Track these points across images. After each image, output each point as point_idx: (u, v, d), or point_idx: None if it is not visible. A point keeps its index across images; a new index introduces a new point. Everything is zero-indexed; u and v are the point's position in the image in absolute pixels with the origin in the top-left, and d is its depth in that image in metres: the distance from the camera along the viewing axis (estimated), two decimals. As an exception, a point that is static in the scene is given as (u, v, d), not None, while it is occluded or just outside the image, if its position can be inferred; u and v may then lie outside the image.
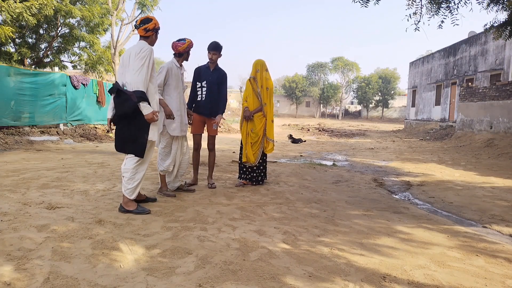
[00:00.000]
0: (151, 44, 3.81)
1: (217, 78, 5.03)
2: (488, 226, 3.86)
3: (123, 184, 3.70)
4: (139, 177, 3.72)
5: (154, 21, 3.77)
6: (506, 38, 9.86)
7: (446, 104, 22.05)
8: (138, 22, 3.78)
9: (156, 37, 3.87)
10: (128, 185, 3.68)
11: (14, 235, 2.92)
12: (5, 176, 5.28)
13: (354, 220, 3.79)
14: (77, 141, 10.89)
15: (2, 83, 9.50)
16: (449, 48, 22.54)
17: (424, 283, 2.41)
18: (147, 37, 3.77)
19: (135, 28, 3.81)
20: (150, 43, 3.80)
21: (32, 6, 11.63)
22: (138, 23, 3.77)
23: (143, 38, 3.77)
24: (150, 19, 3.78)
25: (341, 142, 15.96)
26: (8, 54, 14.70)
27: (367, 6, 8.23)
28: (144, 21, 3.76)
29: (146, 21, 3.76)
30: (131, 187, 3.68)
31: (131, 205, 3.70)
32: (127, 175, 3.68)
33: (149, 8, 21.25)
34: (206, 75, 5.00)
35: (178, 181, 4.69)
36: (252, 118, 5.17)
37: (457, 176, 6.99)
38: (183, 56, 4.53)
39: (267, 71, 5.25)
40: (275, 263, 2.61)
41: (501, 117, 12.64)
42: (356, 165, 8.34)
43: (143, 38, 3.77)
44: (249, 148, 5.17)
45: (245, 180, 5.30)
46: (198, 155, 5.17)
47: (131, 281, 2.27)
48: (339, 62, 58.53)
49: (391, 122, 49.33)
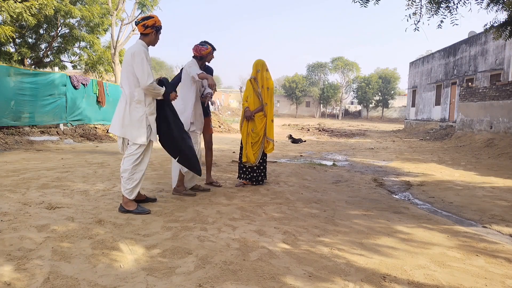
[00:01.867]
0: (151, 43, 3.78)
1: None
2: (488, 226, 3.86)
3: (122, 184, 3.70)
4: (138, 177, 3.71)
5: (155, 19, 3.73)
6: (506, 38, 9.85)
7: (446, 104, 22.06)
8: (139, 19, 3.78)
9: (156, 36, 3.80)
10: (127, 185, 3.67)
11: (14, 235, 2.92)
12: (5, 176, 5.28)
13: (354, 220, 3.79)
14: (77, 141, 10.89)
15: (2, 83, 9.49)
16: (449, 48, 22.54)
17: (424, 283, 2.41)
18: (146, 35, 3.73)
19: (135, 24, 3.81)
20: (149, 42, 3.76)
21: (32, 6, 11.63)
22: (139, 20, 3.77)
23: (142, 36, 3.74)
24: (151, 17, 3.77)
25: (341, 142, 15.96)
26: (8, 54, 14.70)
27: (366, 6, 8.23)
28: (145, 18, 3.76)
29: (146, 18, 3.75)
30: (130, 187, 3.67)
31: (131, 205, 3.69)
32: (126, 175, 3.67)
33: (149, 8, 21.24)
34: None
35: (194, 181, 4.74)
36: (253, 118, 5.17)
37: (457, 176, 6.99)
38: (203, 60, 4.62)
39: (268, 71, 5.26)
40: (275, 263, 2.61)
41: (501, 117, 12.64)
42: (356, 165, 8.34)
43: (142, 36, 3.74)
44: (250, 148, 5.17)
45: (245, 180, 5.31)
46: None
47: (131, 281, 2.27)
48: (339, 62, 58.54)
49: (391, 122, 49.33)
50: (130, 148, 3.71)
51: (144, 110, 3.69)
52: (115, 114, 3.73)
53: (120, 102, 3.73)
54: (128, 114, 3.66)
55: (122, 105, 3.69)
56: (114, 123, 3.73)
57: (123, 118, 3.66)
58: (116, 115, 3.71)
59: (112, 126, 3.77)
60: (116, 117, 3.71)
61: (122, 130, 3.67)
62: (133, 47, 3.67)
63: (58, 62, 16.38)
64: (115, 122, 3.71)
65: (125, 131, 3.67)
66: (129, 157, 3.68)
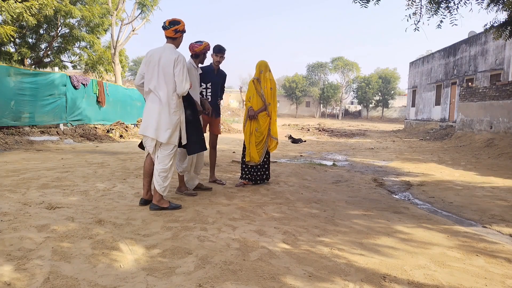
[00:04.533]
0: (178, 46, 3.92)
1: (221, 80, 5.24)
2: (488, 226, 3.86)
3: (159, 182, 3.81)
4: (171, 175, 3.95)
5: (183, 23, 3.84)
6: (506, 38, 9.86)
7: (446, 104, 22.06)
8: (167, 23, 3.81)
9: (182, 39, 3.95)
10: (165, 183, 3.85)
11: (14, 235, 2.92)
12: (5, 176, 5.28)
13: (354, 220, 3.79)
14: (77, 141, 10.89)
15: (2, 83, 9.49)
16: (449, 48, 22.55)
17: (424, 283, 2.41)
18: (175, 39, 3.86)
19: (164, 29, 3.81)
20: (177, 45, 3.91)
21: (32, 6, 11.64)
22: (167, 24, 3.80)
23: (171, 40, 3.85)
24: (178, 21, 3.84)
25: (341, 142, 15.96)
26: (8, 54, 14.71)
27: (367, 6, 8.23)
28: (174, 22, 3.81)
29: (176, 22, 3.81)
30: (166, 185, 3.87)
31: (165, 203, 3.87)
32: (164, 174, 3.83)
33: (149, 8, 21.26)
34: (211, 77, 5.13)
35: (197, 180, 4.78)
36: (257, 117, 5.19)
37: (457, 176, 6.99)
38: (200, 57, 4.59)
39: (270, 71, 5.31)
40: (275, 263, 2.61)
41: (501, 117, 12.63)
42: (356, 165, 8.34)
43: (171, 40, 3.85)
44: (253, 147, 5.20)
45: (246, 180, 5.32)
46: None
47: (131, 281, 2.27)
48: (339, 62, 58.56)
49: (391, 122, 49.34)
50: (166, 148, 3.83)
51: (180, 114, 3.87)
52: (149, 117, 3.80)
53: (152, 105, 3.79)
54: (166, 118, 3.75)
55: (156, 108, 3.75)
56: (148, 126, 3.79)
57: (159, 121, 3.74)
58: (150, 118, 3.78)
59: (145, 129, 3.82)
60: (150, 120, 3.78)
61: (156, 132, 3.76)
62: (172, 53, 3.74)
63: (58, 62, 16.38)
64: (149, 125, 3.78)
65: (160, 133, 3.76)
66: (167, 157, 3.84)
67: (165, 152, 3.84)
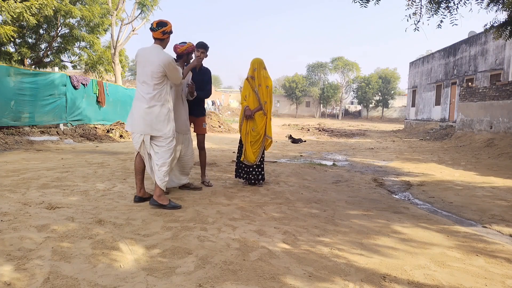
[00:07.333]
0: (165, 46, 4.01)
1: (204, 77, 5.07)
2: (488, 226, 3.86)
3: (160, 177, 3.87)
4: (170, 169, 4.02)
5: (170, 25, 3.94)
6: (506, 38, 9.85)
7: (446, 104, 22.06)
8: (154, 25, 3.89)
9: (169, 39, 4.04)
10: (166, 178, 3.92)
11: (14, 235, 2.91)
12: (5, 176, 5.28)
13: (354, 220, 3.79)
14: (77, 141, 10.89)
15: (2, 83, 9.48)
16: (449, 48, 22.54)
17: (424, 283, 2.41)
18: (162, 40, 3.95)
19: (151, 30, 3.91)
20: (164, 46, 4.00)
21: (32, 6, 11.63)
22: (154, 26, 3.88)
23: (158, 41, 3.94)
24: (165, 23, 3.92)
25: (341, 142, 15.96)
26: (8, 54, 14.70)
27: (366, 6, 8.23)
28: (161, 24, 3.89)
29: (163, 24, 3.90)
30: (167, 179, 3.93)
31: (165, 200, 3.90)
32: (165, 168, 3.90)
33: (149, 8, 21.25)
34: (194, 75, 4.97)
35: (185, 179, 4.78)
36: (253, 117, 5.16)
37: (457, 176, 6.99)
38: (183, 58, 4.56)
39: (265, 69, 5.23)
40: (275, 263, 2.61)
41: (501, 117, 12.63)
42: (356, 165, 8.34)
43: (158, 41, 3.94)
44: (249, 147, 5.16)
45: (241, 178, 5.32)
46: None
47: (131, 281, 2.27)
48: (339, 62, 58.55)
49: (391, 122, 49.33)
50: (162, 143, 3.89)
51: (169, 107, 3.97)
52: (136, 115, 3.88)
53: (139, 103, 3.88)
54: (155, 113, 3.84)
55: (143, 106, 3.84)
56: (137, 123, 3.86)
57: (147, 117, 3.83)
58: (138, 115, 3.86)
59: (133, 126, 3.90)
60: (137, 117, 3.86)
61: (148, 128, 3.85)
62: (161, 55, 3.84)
63: (58, 62, 16.37)
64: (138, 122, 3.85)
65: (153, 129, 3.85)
66: (165, 151, 3.90)
67: (163, 148, 3.90)
